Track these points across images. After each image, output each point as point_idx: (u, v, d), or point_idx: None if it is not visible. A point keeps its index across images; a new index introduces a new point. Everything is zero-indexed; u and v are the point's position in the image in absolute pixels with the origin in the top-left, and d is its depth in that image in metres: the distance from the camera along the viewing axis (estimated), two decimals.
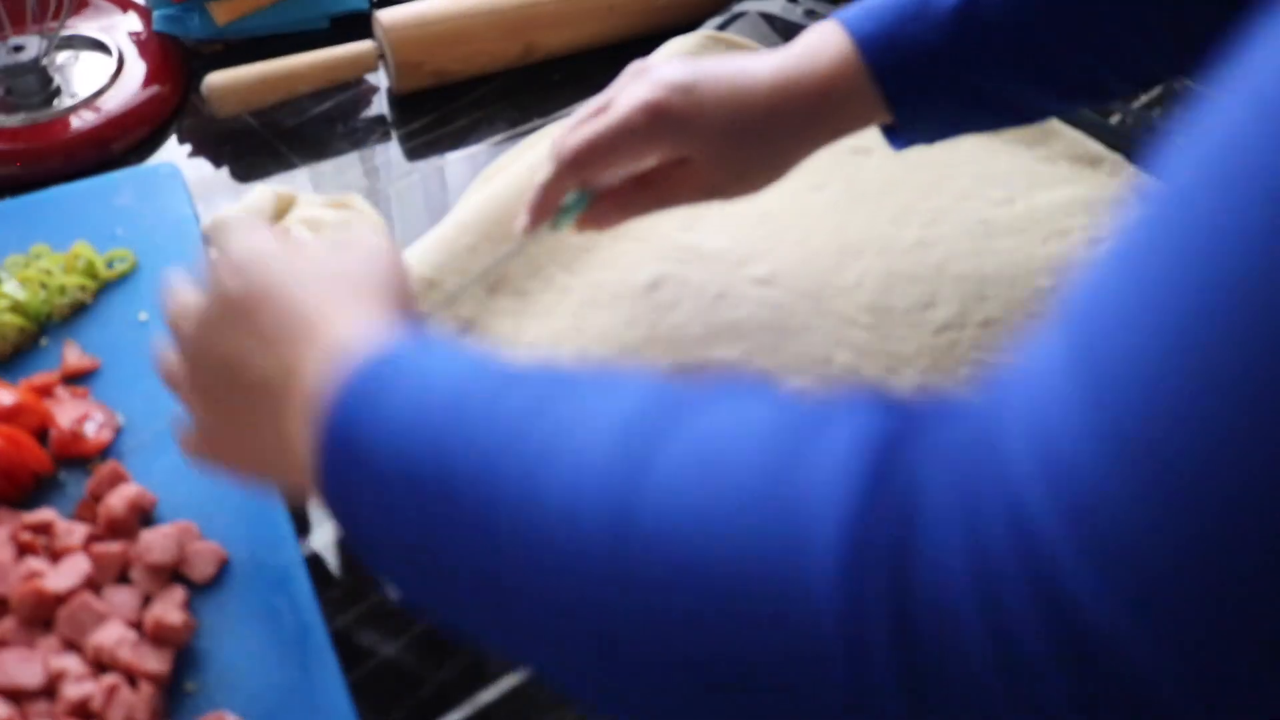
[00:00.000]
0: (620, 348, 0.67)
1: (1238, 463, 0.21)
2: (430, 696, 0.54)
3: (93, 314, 0.68)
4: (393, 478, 0.34)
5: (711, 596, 0.26)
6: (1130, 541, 0.22)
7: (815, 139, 0.62)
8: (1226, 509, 0.21)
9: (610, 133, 0.57)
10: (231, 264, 0.45)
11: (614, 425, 0.30)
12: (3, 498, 0.58)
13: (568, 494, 0.29)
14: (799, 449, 0.27)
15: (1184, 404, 0.21)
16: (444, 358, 0.37)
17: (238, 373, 0.44)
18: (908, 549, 0.24)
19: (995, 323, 0.69)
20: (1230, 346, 0.21)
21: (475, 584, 0.32)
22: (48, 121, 0.82)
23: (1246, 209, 0.21)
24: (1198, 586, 0.21)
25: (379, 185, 0.81)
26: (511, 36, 0.88)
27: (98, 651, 0.52)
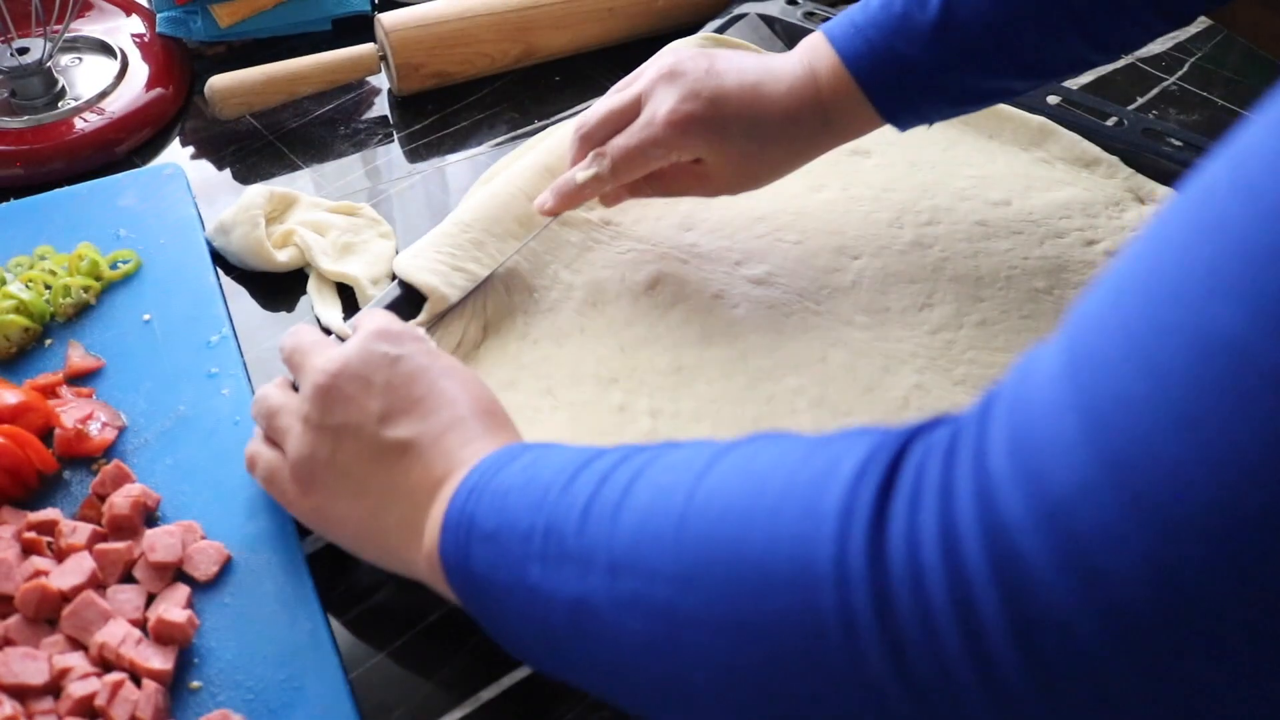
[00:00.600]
0: (619, 346, 0.67)
1: (1210, 493, 0.23)
2: (431, 695, 0.54)
3: (97, 314, 0.69)
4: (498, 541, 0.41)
5: (746, 570, 0.31)
6: (1096, 545, 0.24)
7: (821, 147, 0.67)
8: (1193, 533, 0.23)
9: (643, 144, 0.63)
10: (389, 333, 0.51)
11: (675, 464, 0.36)
12: (7, 497, 0.59)
13: (642, 513, 0.35)
14: (820, 458, 0.31)
15: (1166, 433, 0.23)
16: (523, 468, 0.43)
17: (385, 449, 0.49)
18: (887, 527, 0.28)
19: (991, 323, 0.69)
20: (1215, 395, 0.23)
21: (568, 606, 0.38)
22: (52, 123, 0.83)
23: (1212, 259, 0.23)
24: (1150, 588, 0.23)
25: (380, 187, 0.81)
26: (512, 38, 0.89)
27: (102, 649, 0.52)
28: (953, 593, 0.26)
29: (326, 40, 0.91)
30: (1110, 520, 0.24)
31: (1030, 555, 0.25)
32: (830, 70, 0.63)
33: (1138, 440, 0.24)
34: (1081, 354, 0.26)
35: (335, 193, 0.80)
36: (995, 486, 0.26)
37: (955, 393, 0.66)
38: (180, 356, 0.66)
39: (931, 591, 0.26)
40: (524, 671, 0.55)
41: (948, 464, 0.27)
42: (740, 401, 0.65)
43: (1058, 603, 0.24)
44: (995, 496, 0.26)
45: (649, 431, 0.63)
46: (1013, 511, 0.25)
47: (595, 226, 0.74)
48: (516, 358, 0.67)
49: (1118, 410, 0.24)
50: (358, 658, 0.55)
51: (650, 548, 0.34)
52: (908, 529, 0.27)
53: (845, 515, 0.28)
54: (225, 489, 0.60)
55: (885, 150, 0.80)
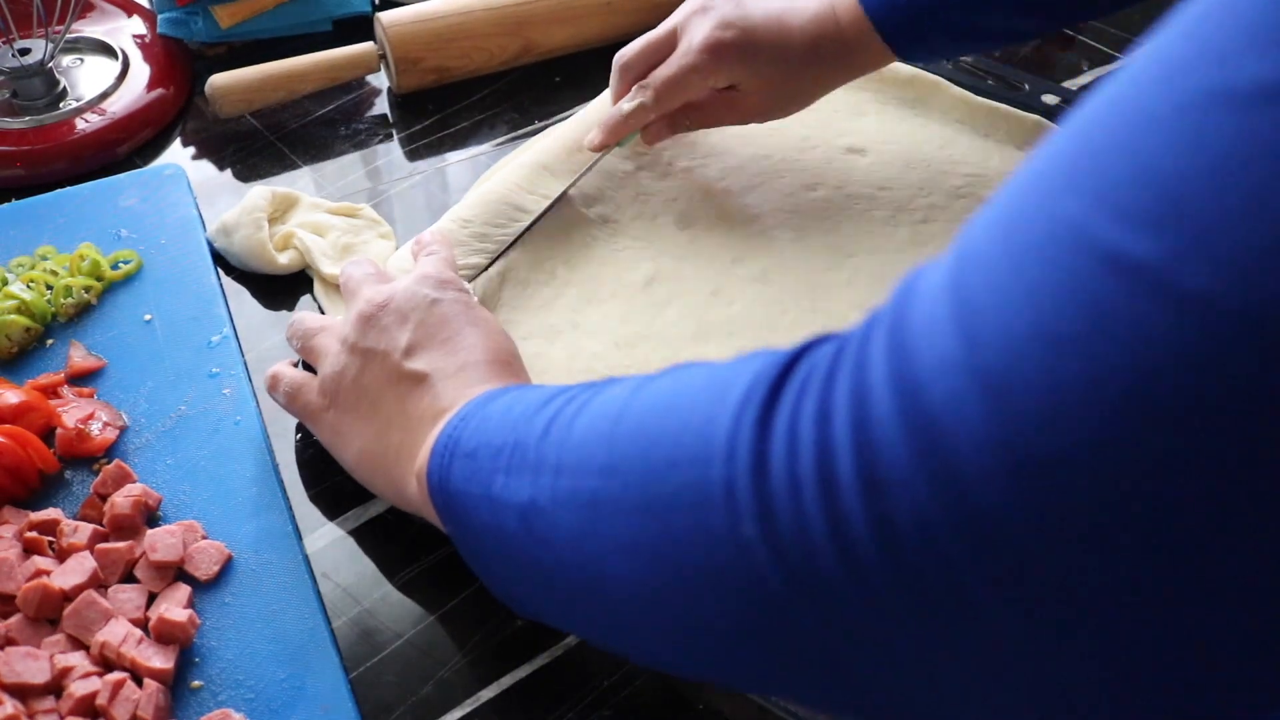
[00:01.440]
0: (615, 342, 0.68)
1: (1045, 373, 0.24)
2: (431, 694, 0.54)
3: (98, 314, 0.69)
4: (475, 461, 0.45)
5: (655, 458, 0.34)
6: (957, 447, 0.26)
7: (842, 77, 0.72)
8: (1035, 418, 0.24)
9: (683, 72, 0.69)
10: (436, 279, 0.56)
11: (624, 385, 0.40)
12: (9, 497, 0.59)
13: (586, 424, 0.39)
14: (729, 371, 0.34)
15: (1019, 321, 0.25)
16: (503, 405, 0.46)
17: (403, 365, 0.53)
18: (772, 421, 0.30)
19: None
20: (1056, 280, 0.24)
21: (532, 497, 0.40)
22: (53, 124, 0.83)
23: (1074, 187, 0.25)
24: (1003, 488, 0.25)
25: (380, 186, 0.81)
26: (510, 33, 0.89)
27: (103, 649, 0.52)
28: (822, 490, 0.28)
29: (328, 41, 0.91)
30: (972, 421, 0.25)
31: (894, 457, 0.27)
32: (847, 5, 0.68)
33: (998, 332, 0.25)
34: (963, 260, 0.28)
35: (335, 193, 0.81)
36: (869, 389, 0.28)
37: None
38: (181, 356, 0.67)
39: (804, 487, 0.28)
40: (524, 671, 0.55)
41: (832, 367, 0.29)
42: None
43: (917, 504, 0.26)
44: (868, 399, 0.28)
45: None
46: (882, 414, 0.27)
47: (593, 224, 0.74)
48: None
49: (988, 312, 0.26)
50: (358, 658, 0.55)
51: (587, 450, 0.38)
52: (789, 423, 0.29)
53: (740, 408, 0.31)
54: (226, 489, 0.60)
55: (881, 149, 0.80)
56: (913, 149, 0.80)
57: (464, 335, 0.53)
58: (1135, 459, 0.23)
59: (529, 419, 0.42)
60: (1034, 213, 0.26)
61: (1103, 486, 0.24)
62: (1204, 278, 0.22)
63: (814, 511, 0.28)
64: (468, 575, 0.59)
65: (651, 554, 0.34)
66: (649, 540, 0.34)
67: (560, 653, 0.56)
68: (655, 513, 0.34)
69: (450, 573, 0.59)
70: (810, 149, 0.80)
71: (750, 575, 0.30)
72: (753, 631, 0.31)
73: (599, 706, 0.54)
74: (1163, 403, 0.23)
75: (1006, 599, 0.26)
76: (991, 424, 0.25)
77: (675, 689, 0.55)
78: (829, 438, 0.28)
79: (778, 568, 0.29)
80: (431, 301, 0.55)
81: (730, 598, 0.31)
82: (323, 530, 0.60)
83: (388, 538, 0.60)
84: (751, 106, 0.72)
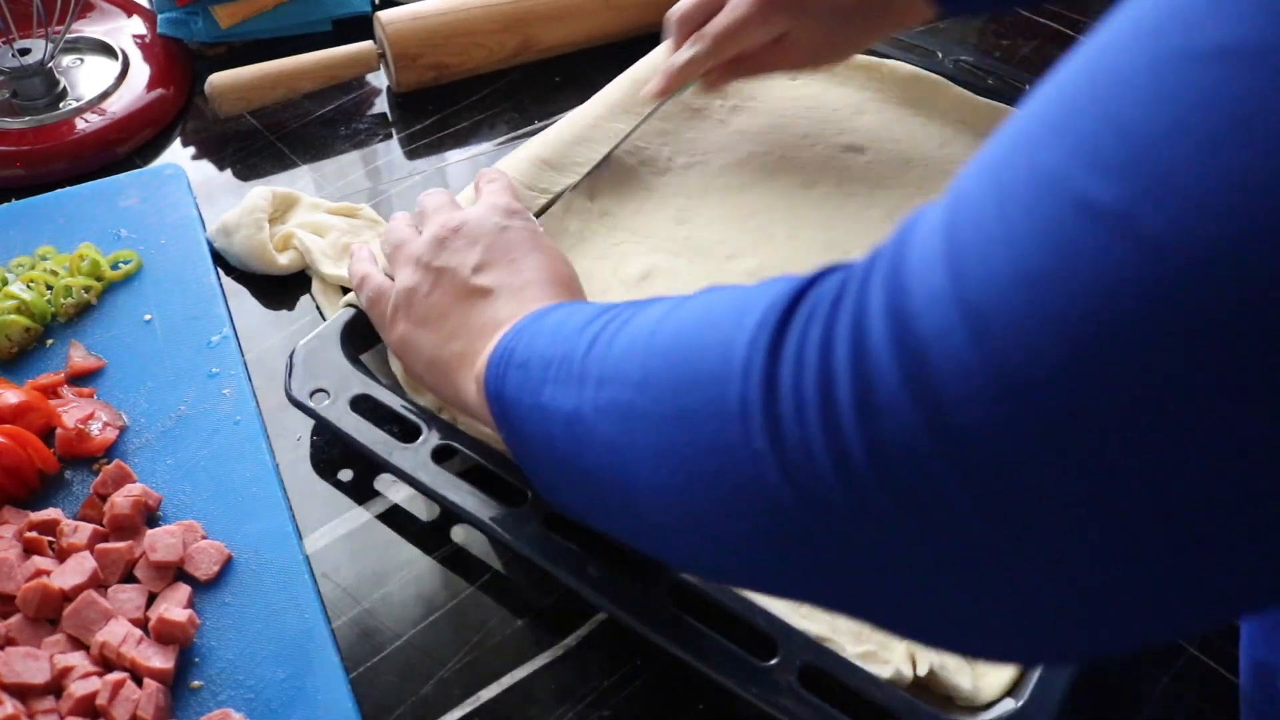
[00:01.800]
0: None
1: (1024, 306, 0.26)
2: (431, 694, 0.54)
3: (98, 314, 0.69)
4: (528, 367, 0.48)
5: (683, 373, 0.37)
6: (942, 373, 0.28)
7: (886, 29, 0.75)
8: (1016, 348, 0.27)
9: (737, 23, 0.72)
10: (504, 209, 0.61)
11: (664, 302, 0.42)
12: (9, 496, 0.59)
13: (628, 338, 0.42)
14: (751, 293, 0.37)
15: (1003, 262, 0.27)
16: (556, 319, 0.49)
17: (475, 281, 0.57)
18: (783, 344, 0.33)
19: None
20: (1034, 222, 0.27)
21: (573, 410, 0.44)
22: (53, 124, 0.83)
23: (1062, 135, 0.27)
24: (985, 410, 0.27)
25: (380, 187, 0.81)
26: (509, 30, 0.89)
27: (103, 649, 0.52)
28: (823, 410, 0.31)
29: (328, 41, 0.91)
30: (956, 349, 0.28)
31: (886, 381, 0.29)
32: None
33: (982, 268, 0.28)
34: (956, 203, 0.30)
35: (335, 193, 0.81)
36: (868, 318, 0.30)
37: None
38: (181, 356, 0.67)
39: (807, 407, 0.31)
40: (524, 671, 0.55)
41: (838, 297, 0.32)
42: None
43: (905, 424, 0.29)
44: (866, 327, 0.30)
45: None
46: (877, 341, 0.30)
47: (593, 216, 0.74)
48: None
49: (974, 250, 0.28)
50: (358, 658, 0.55)
51: (624, 364, 0.41)
52: (797, 348, 0.32)
53: (756, 331, 0.34)
54: (226, 489, 0.60)
55: (880, 148, 0.80)
56: (912, 148, 0.80)
57: (528, 258, 0.58)
58: (1099, 385, 0.26)
59: (577, 334, 0.45)
60: (1018, 161, 0.28)
61: (1069, 410, 0.26)
62: (1161, 221, 0.24)
63: (815, 429, 0.31)
64: (468, 575, 0.59)
65: (677, 462, 0.37)
66: (675, 449, 0.37)
67: (560, 653, 0.56)
68: (681, 424, 0.37)
69: (450, 573, 0.59)
70: (809, 147, 0.80)
71: (761, 484, 0.33)
72: (765, 536, 0.34)
73: (599, 706, 0.54)
74: (1123, 335, 0.25)
75: (982, 512, 0.28)
76: (972, 352, 0.27)
77: (675, 689, 0.55)
78: (831, 362, 0.31)
79: (784, 478, 0.32)
80: (501, 228, 0.59)
81: (745, 504, 0.34)
82: (323, 530, 0.60)
83: (388, 538, 0.60)
84: (801, 56, 0.76)
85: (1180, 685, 0.55)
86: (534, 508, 0.56)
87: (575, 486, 0.45)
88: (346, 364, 0.62)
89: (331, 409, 0.60)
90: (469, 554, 0.60)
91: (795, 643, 0.52)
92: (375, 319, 0.62)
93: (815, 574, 0.34)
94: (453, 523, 0.61)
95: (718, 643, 0.51)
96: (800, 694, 0.50)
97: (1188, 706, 0.55)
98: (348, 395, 0.61)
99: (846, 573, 0.33)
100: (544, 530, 0.55)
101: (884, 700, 0.50)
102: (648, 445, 0.38)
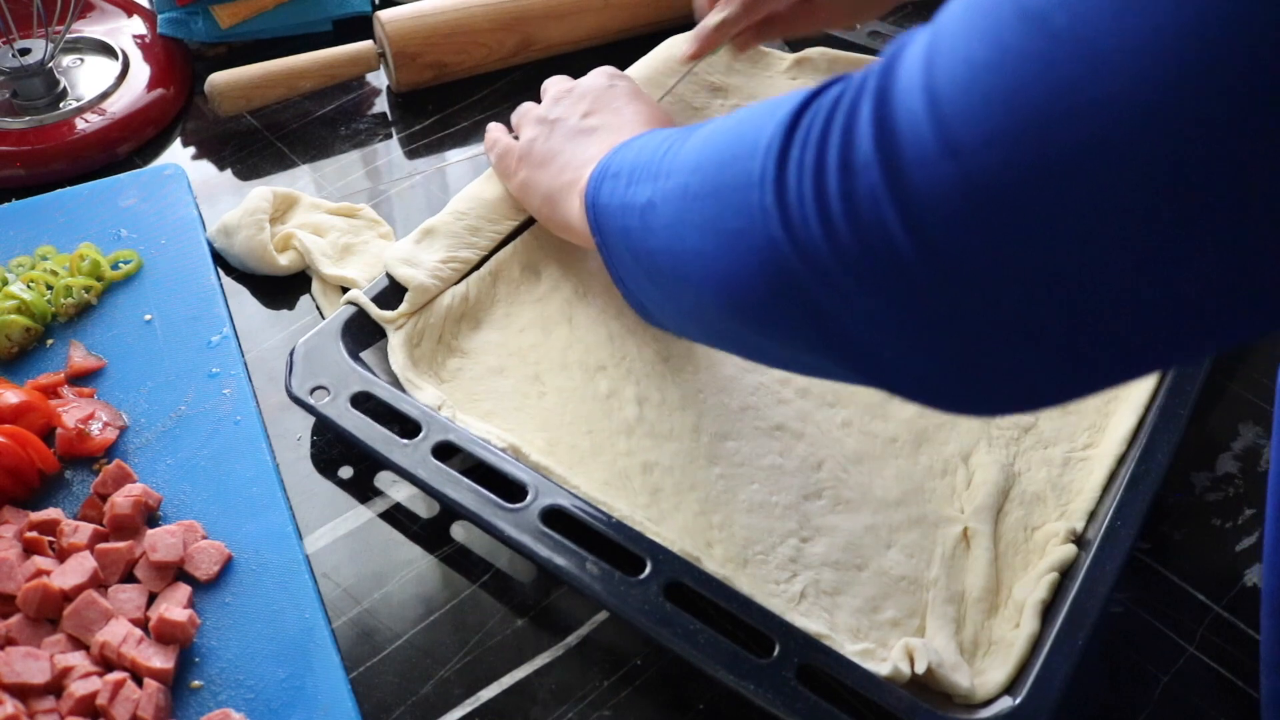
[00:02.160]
0: (608, 335, 0.68)
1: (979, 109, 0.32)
2: (431, 694, 0.55)
3: (98, 314, 0.69)
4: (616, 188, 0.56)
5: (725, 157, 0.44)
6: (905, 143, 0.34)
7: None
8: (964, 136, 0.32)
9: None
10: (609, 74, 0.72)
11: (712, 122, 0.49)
12: (9, 496, 0.59)
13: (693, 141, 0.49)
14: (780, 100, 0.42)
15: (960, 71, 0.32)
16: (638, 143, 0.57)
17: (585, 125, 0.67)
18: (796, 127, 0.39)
19: None
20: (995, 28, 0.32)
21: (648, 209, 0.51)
22: (53, 124, 0.83)
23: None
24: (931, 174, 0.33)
25: (380, 186, 0.81)
26: (507, 29, 0.89)
27: (103, 649, 0.52)
28: (816, 173, 0.37)
29: (327, 41, 0.91)
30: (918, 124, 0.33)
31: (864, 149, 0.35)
32: None
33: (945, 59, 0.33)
34: (939, 17, 0.35)
35: (335, 193, 0.81)
36: (859, 103, 0.36)
37: None
38: (181, 356, 0.67)
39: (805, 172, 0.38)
40: (524, 671, 0.55)
41: (843, 90, 0.38)
42: (726, 390, 0.65)
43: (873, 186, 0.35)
44: (857, 112, 0.36)
45: (635, 419, 0.63)
46: (863, 119, 0.36)
47: None
48: (502, 346, 0.67)
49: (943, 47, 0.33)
50: (358, 658, 0.55)
51: (688, 157, 0.48)
52: (806, 128, 0.39)
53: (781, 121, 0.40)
54: (226, 489, 0.60)
55: None
56: None
57: (630, 106, 0.68)
58: (1017, 157, 0.31)
59: (658, 145, 0.53)
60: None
61: (995, 175, 0.32)
62: (1065, 17, 0.29)
63: (809, 189, 0.37)
64: (468, 575, 0.59)
65: (716, 228, 0.44)
66: (713, 217, 0.44)
67: (560, 653, 0.56)
68: (718, 196, 0.44)
69: (450, 572, 0.59)
70: None
71: (769, 237, 0.40)
72: (771, 287, 0.40)
73: (599, 706, 0.54)
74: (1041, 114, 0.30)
75: (932, 267, 0.34)
76: (928, 125, 0.33)
77: (675, 689, 0.55)
78: (827, 139, 0.37)
79: (785, 231, 0.39)
80: (607, 86, 0.70)
81: (757, 256, 0.41)
82: (323, 530, 0.60)
83: (388, 538, 0.60)
84: (829, 15, 0.79)
85: (1180, 685, 0.55)
86: (534, 505, 0.56)
87: (646, 275, 0.52)
88: (347, 361, 0.62)
89: (332, 406, 0.60)
90: (469, 554, 0.60)
91: (794, 640, 0.52)
92: (500, 172, 0.72)
93: (804, 323, 0.40)
94: (453, 521, 0.61)
95: (716, 640, 0.51)
96: (799, 691, 0.50)
97: (1188, 706, 0.55)
98: (348, 392, 0.61)
99: (826, 320, 0.39)
100: (544, 528, 0.55)
101: (882, 698, 0.50)
102: (695, 217, 0.45)
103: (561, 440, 0.62)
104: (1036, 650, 0.53)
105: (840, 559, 0.58)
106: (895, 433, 0.64)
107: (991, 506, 0.60)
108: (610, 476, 0.61)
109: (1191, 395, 0.63)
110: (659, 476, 0.61)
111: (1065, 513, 0.60)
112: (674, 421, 0.64)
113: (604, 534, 0.55)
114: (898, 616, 0.56)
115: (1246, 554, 0.61)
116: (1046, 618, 0.55)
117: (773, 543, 0.59)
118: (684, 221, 0.47)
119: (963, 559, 0.59)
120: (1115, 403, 0.65)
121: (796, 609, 0.56)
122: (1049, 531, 0.59)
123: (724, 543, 0.58)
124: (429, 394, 0.62)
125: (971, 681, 0.52)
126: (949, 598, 0.57)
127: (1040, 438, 0.64)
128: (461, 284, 0.68)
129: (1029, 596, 0.55)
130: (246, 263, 0.73)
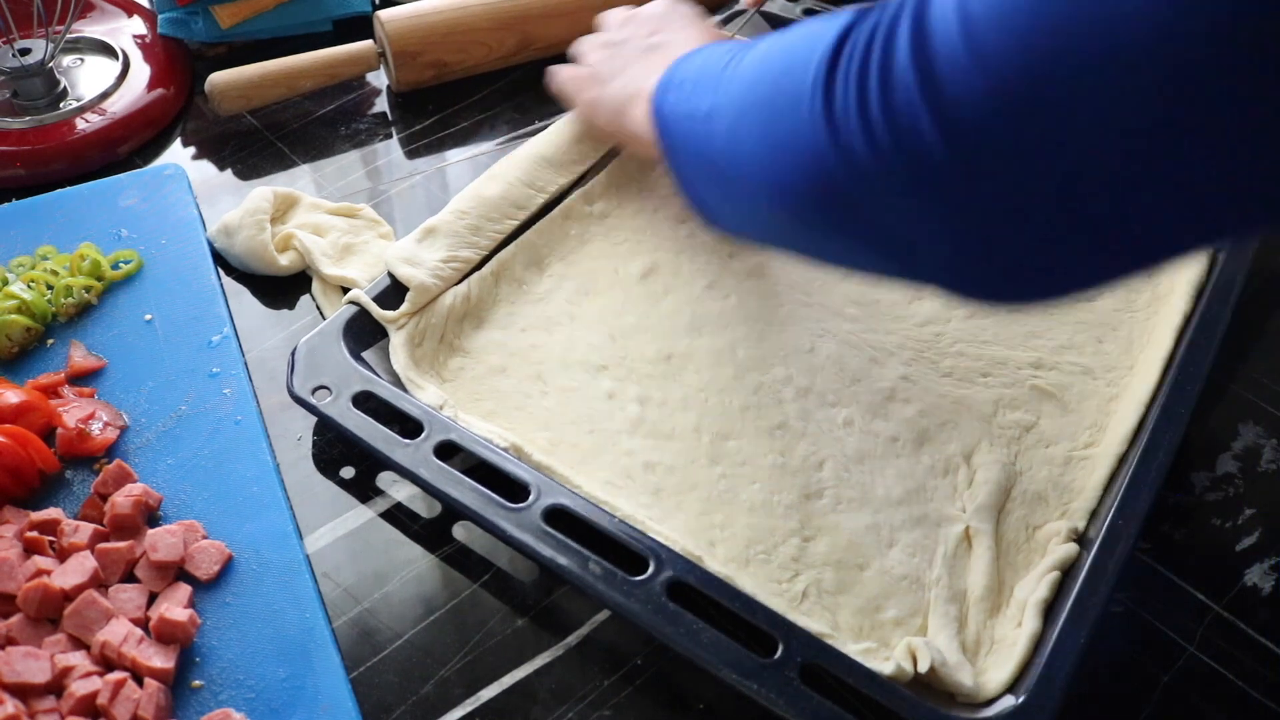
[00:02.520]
0: (610, 332, 0.68)
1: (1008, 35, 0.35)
2: (431, 694, 0.54)
3: (98, 314, 0.69)
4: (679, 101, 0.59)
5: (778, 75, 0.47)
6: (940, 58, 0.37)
7: None
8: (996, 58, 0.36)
9: None
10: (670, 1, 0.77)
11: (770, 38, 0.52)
12: (10, 496, 0.59)
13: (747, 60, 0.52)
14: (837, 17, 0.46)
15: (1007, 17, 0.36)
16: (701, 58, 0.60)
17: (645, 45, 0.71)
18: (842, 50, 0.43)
19: (980, 316, 0.70)
20: None
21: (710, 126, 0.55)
22: (54, 124, 0.83)
23: None
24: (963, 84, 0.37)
25: (381, 186, 0.81)
26: (508, 28, 0.89)
27: (104, 648, 0.52)
28: (859, 82, 0.41)
29: (328, 41, 0.91)
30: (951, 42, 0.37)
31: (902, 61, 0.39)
32: None
33: None
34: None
35: (335, 193, 0.81)
36: (898, 25, 0.40)
37: (942, 384, 0.66)
38: (182, 356, 0.67)
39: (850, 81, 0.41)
40: (524, 671, 0.55)
41: (881, 13, 0.41)
42: (728, 390, 0.65)
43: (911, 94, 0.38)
44: (896, 31, 0.40)
45: (636, 418, 0.63)
46: (901, 37, 0.39)
47: (594, 219, 0.75)
48: (504, 345, 0.67)
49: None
50: (358, 658, 0.55)
51: (745, 69, 0.51)
52: (851, 44, 0.42)
53: (830, 39, 0.44)
54: (227, 489, 0.60)
55: None
56: None
57: (691, 27, 0.72)
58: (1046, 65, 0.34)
59: (720, 57, 0.56)
60: None
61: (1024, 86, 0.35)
62: None
63: (853, 101, 0.41)
64: (468, 574, 0.59)
65: (771, 135, 0.47)
66: (767, 123, 0.47)
67: (560, 652, 0.56)
68: (773, 105, 0.47)
69: (451, 572, 0.59)
70: None
71: (815, 142, 0.43)
72: (822, 190, 0.44)
73: (599, 706, 0.54)
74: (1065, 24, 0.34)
75: (961, 166, 0.38)
76: (962, 39, 0.36)
77: (675, 688, 0.55)
78: (869, 53, 0.41)
79: (830, 137, 0.42)
80: (667, 12, 0.74)
81: (807, 158, 0.44)
82: (323, 530, 0.60)
83: (388, 537, 0.60)
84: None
85: (1180, 685, 0.55)
86: (536, 505, 0.56)
87: (708, 179, 0.55)
88: (349, 360, 0.62)
89: (333, 406, 0.60)
90: (469, 553, 0.60)
91: (796, 639, 0.52)
92: (569, 94, 0.76)
93: (847, 219, 0.44)
94: (453, 521, 0.61)
95: (720, 639, 0.51)
96: (802, 690, 0.50)
97: (1188, 706, 0.55)
98: (350, 392, 0.61)
99: (867, 216, 0.43)
100: (547, 527, 0.55)
101: (885, 697, 0.50)
102: (752, 124, 0.49)
103: (563, 440, 0.62)
104: (1039, 649, 0.53)
105: (842, 558, 0.58)
106: (897, 432, 0.64)
107: (993, 505, 0.60)
108: (612, 476, 0.61)
109: (1193, 395, 0.63)
110: (661, 476, 0.61)
111: (1067, 512, 0.60)
112: (676, 421, 0.64)
113: (606, 533, 0.55)
114: (900, 616, 0.56)
115: (1246, 554, 0.61)
116: (1048, 617, 0.55)
117: (775, 542, 0.59)
118: (741, 129, 0.50)
119: (964, 558, 0.59)
120: (1116, 402, 0.65)
121: (799, 608, 0.56)
122: (1050, 530, 0.59)
123: (726, 542, 0.58)
124: (431, 393, 0.62)
125: (974, 680, 0.52)
126: (951, 597, 0.57)
127: (1042, 437, 0.64)
128: (463, 283, 0.68)
129: (1031, 595, 0.55)
130: (247, 263, 0.73)
